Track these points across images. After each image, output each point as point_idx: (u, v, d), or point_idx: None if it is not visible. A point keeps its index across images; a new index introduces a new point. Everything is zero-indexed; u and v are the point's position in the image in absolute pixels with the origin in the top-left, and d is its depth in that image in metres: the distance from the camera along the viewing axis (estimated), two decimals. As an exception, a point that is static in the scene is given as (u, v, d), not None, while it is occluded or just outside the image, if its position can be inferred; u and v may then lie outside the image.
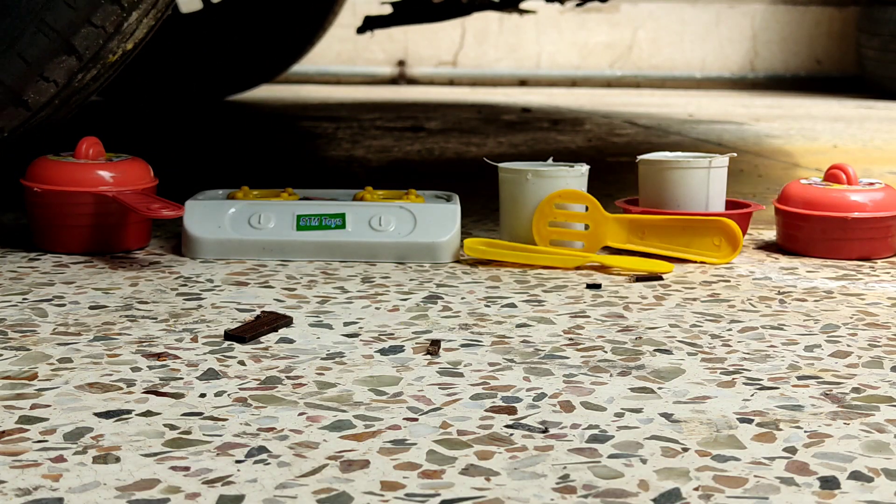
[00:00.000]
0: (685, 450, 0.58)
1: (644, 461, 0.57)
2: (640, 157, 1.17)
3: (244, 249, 1.04)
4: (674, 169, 1.13)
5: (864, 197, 1.10)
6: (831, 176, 1.14)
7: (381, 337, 0.79)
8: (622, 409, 0.65)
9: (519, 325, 0.83)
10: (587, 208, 1.06)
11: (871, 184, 1.13)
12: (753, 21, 4.22)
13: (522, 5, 2.52)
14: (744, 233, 1.14)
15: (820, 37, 4.24)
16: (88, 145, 1.07)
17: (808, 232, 1.11)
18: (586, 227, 1.08)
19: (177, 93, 2.83)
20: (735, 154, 1.17)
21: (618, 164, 1.18)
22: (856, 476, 0.55)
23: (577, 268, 1.00)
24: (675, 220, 1.06)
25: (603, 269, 1.02)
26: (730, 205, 1.17)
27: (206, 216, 1.05)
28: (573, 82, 4.17)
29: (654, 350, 0.77)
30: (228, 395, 0.66)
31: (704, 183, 1.13)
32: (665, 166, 1.13)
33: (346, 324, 0.83)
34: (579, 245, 1.07)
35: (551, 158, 1.18)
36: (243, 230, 1.05)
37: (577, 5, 2.40)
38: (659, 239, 1.06)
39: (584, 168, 1.11)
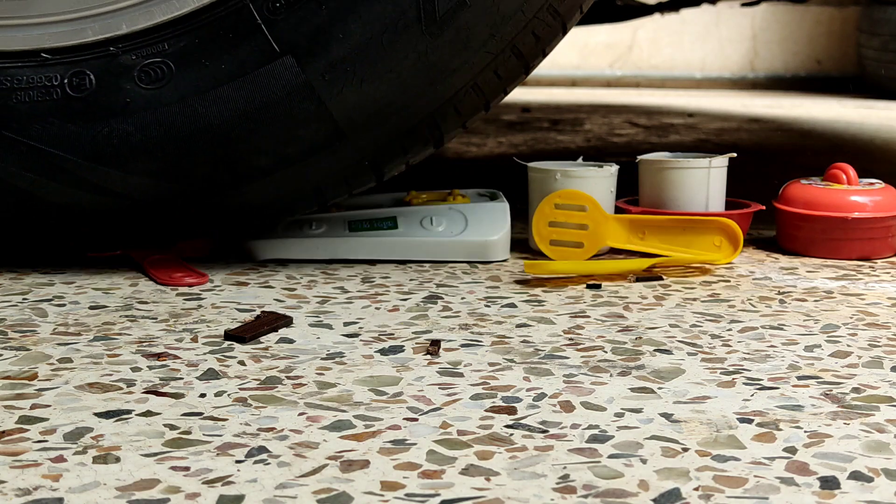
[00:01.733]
0: (685, 450, 0.58)
1: (644, 461, 0.57)
2: (639, 158, 1.17)
3: (301, 250, 1.04)
4: (673, 169, 1.13)
5: (865, 197, 1.10)
6: (831, 176, 1.14)
7: (381, 337, 0.79)
8: (622, 409, 0.65)
9: (519, 325, 0.83)
10: (587, 208, 1.06)
11: (872, 184, 1.13)
12: (753, 21, 4.22)
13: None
14: (745, 232, 1.14)
15: (820, 37, 4.24)
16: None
17: (808, 232, 1.11)
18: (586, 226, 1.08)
19: None
20: (735, 154, 1.17)
21: (618, 164, 1.18)
22: (856, 476, 0.55)
23: (639, 279, 0.99)
24: (675, 221, 1.06)
25: (662, 269, 1.02)
26: (730, 204, 1.17)
27: None
28: (573, 82, 4.17)
29: (654, 350, 0.77)
30: (228, 395, 0.66)
31: (704, 183, 1.13)
32: (665, 166, 1.14)
33: (346, 324, 0.83)
34: (579, 245, 1.07)
35: (581, 158, 1.18)
36: (295, 231, 1.05)
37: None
38: (659, 239, 1.06)
39: (613, 168, 1.11)
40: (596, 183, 1.09)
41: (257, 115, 0.92)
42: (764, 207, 1.16)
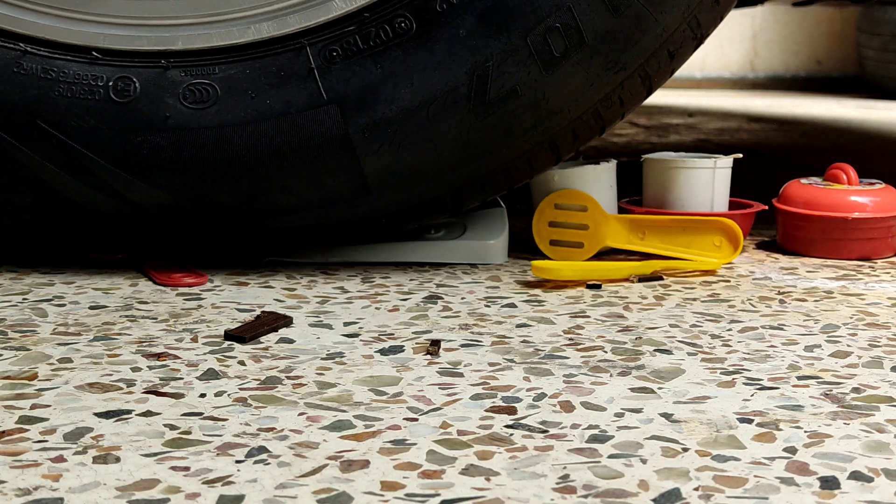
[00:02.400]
0: (685, 450, 0.58)
1: (644, 461, 0.57)
2: (644, 157, 1.17)
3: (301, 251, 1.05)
4: (679, 169, 1.13)
5: (865, 197, 1.10)
6: (832, 176, 1.14)
7: (381, 337, 0.79)
8: (622, 409, 0.65)
9: (519, 325, 0.83)
10: (587, 208, 1.06)
11: (872, 183, 1.13)
12: (753, 21, 4.22)
13: None
14: (747, 233, 1.14)
15: (820, 37, 4.24)
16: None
17: (809, 232, 1.11)
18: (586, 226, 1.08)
19: None
20: (741, 155, 1.17)
21: (618, 164, 1.19)
22: (856, 476, 0.55)
23: (641, 280, 0.99)
24: (675, 221, 1.06)
25: (665, 272, 1.01)
26: (733, 205, 1.17)
27: None
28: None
29: (654, 350, 0.77)
30: (228, 395, 0.66)
31: (709, 183, 1.13)
32: (670, 166, 1.13)
33: (346, 324, 0.83)
34: (579, 245, 1.07)
35: (581, 157, 1.18)
36: None
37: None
38: (659, 239, 1.06)
39: (611, 163, 1.11)
40: (595, 178, 1.09)
41: (290, 156, 0.93)
42: (766, 207, 1.16)
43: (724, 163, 1.14)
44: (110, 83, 0.91)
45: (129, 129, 0.91)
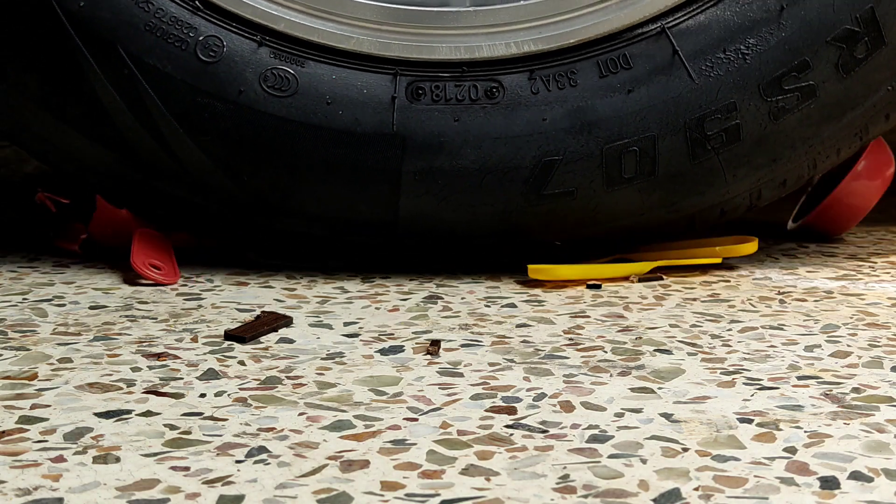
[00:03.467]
0: (685, 450, 0.58)
1: (644, 461, 0.57)
2: None
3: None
4: None
5: None
6: None
7: (381, 337, 0.79)
8: (622, 409, 0.65)
9: (519, 325, 0.83)
10: None
11: None
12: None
13: None
14: None
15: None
16: None
17: None
18: None
19: None
20: None
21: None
22: (856, 476, 0.55)
23: (642, 280, 0.99)
24: (685, 245, 1.05)
25: (667, 272, 1.01)
26: None
27: None
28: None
29: (654, 350, 0.77)
30: (228, 395, 0.66)
31: None
32: None
33: (346, 324, 0.83)
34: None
35: None
36: None
37: None
38: (663, 247, 1.04)
39: None
40: None
41: (338, 171, 0.94)
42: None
43: None
44: (200, 38, 0.92)
45: (201, 88, 0.92)
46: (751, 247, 1.03)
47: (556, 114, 0.93)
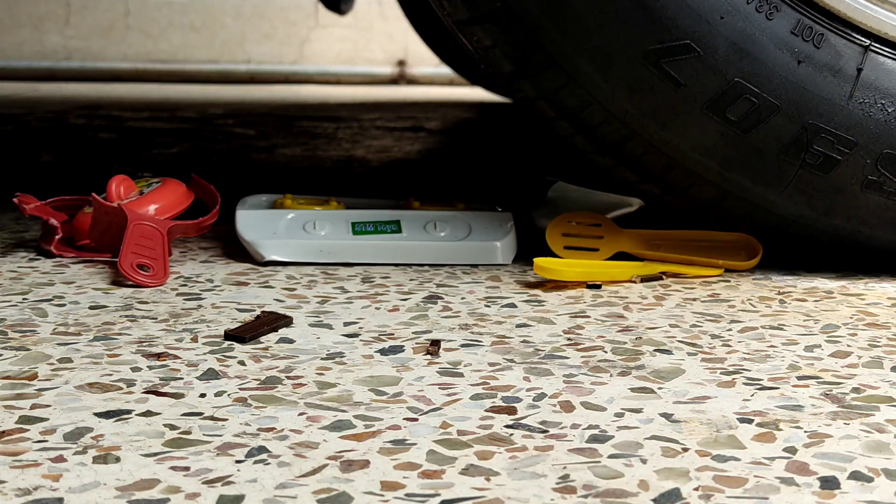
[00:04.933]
0: (685, 450, 0.58)
1: (644, 461, 0.57)
2: None
3: (303, 252, 1.04)
4: None
5: None
6: None
7: (381, 337, 0.79)
8: (622, 409, 0.65)
9: (519, 325, 0.83)
10: (601, 225, 1.06)
11: None
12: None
13: None
14: None
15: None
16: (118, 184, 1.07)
17: None
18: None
19: None
20: None
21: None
22: (856, 476, 0.55)
23: (644, 280, 0.98)
24: (691, 235, 1.05)
25: (672, 276, 1.01)
26: None
27: (261, 224, 1.06)
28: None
29: (654, 350, 0.77)
30: (228, 395, 0.66)
31: None
32: None
33: (346, 324, 0.83)
34: (594, 251, 1.05)
35: None
36: (297, 232, 1.05)
37: None
38: (675, 252, 1.04)
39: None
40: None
41: None
42: None
43: None
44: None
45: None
46: (752, 262, 1.02)
47: None
